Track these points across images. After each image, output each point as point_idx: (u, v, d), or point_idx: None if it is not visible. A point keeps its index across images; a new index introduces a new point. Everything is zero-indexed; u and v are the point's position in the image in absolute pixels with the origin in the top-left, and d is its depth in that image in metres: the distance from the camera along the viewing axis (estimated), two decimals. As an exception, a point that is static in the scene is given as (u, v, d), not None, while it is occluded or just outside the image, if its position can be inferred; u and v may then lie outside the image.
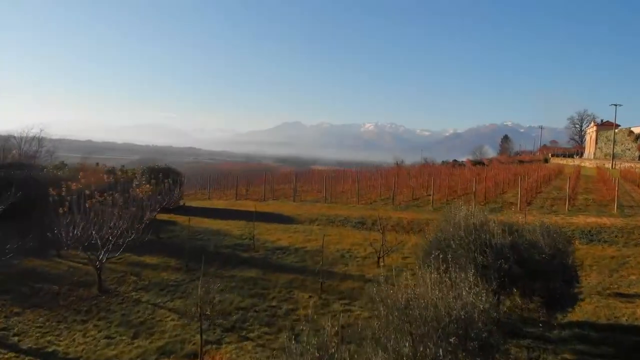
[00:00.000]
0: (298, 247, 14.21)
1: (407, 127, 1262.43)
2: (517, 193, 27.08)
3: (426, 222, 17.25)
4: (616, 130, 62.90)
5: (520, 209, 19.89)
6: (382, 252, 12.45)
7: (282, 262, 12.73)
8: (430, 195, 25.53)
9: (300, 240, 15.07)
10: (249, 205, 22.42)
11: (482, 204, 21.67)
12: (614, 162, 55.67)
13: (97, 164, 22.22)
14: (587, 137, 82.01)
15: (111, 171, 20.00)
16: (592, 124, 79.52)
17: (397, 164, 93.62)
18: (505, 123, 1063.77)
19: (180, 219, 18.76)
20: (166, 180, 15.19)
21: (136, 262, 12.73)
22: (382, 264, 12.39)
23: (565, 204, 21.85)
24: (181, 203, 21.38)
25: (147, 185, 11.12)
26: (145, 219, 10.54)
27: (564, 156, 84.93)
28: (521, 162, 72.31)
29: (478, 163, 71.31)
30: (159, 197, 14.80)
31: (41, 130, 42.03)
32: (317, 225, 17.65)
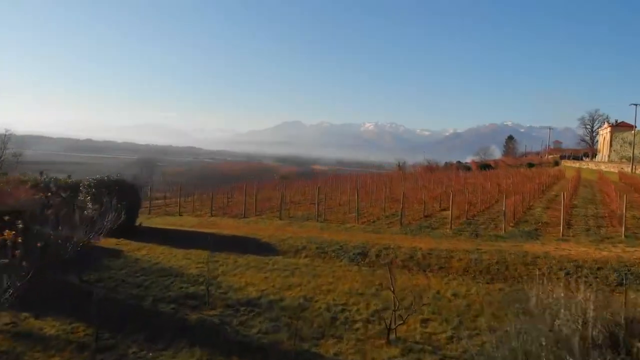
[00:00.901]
0: (272, 299, 10.07)
1: (407, 126, 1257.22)
2: (546, 207, 22.95)
3: (447, 254, 13.16)
4: (633, 132, 58.72)
5: (562, 234, 15.75)
6: (393, 321, 8.29)
7: (243, 334, 8.55)
8: (445, 210, 21.35)
9: (278, 286, 10.94)
10: (223, 225, 18.25)
11: (512, 224, 17.54)
12: (634, 166, 51.55)
13: (42, 173, 17.88)
14: (600, 139, 77.69)
15: (46, 184, 15.79)
16: (606, 124, 75.26)
17: (399, 165, 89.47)
18: (505, 123, 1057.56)
19: (130, 246, 14.67)
20: (89, 206, 10.97)
21: (28, 330, 8.58)
22: (393, 336, 8.24)
23: (612, 224, 17.72)
24: (137, 223, 17.27)
25: (8, 232, 6.92)
26: (5, 285, 6.36)
27: (573, 158, 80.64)
28: (530, 165, 67.96)
29: (485, 166, 67.10)
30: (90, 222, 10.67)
31: (7, 130, 37.82)
32: (304, 257, 13.50)
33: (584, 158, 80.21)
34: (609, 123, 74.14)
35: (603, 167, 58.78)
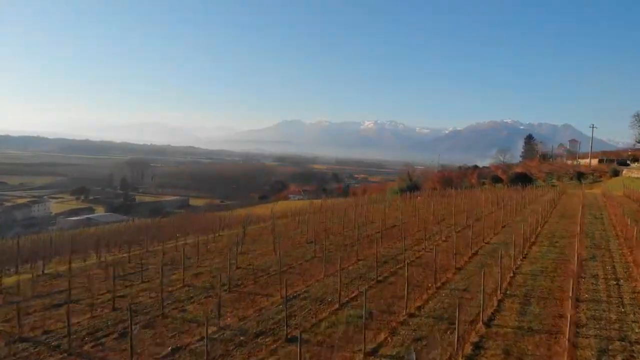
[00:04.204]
0: None
1: (407, 124, 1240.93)
2: None
3: None
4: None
5: None
6: None
7: None
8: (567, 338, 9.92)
9: None
10: None
11: None
12: None
13: None
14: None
15: None
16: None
17: (408, 174, 77.96)
18: (504, 120, 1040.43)
19: None
20: None
21: None
22: None
23: None
24: None
25: None
26: None
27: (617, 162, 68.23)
28: (580, 175, 53.99)
29: (520, 178, 53.22)
30: None
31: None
32: None
33: (628, 163, 68.30)
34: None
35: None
